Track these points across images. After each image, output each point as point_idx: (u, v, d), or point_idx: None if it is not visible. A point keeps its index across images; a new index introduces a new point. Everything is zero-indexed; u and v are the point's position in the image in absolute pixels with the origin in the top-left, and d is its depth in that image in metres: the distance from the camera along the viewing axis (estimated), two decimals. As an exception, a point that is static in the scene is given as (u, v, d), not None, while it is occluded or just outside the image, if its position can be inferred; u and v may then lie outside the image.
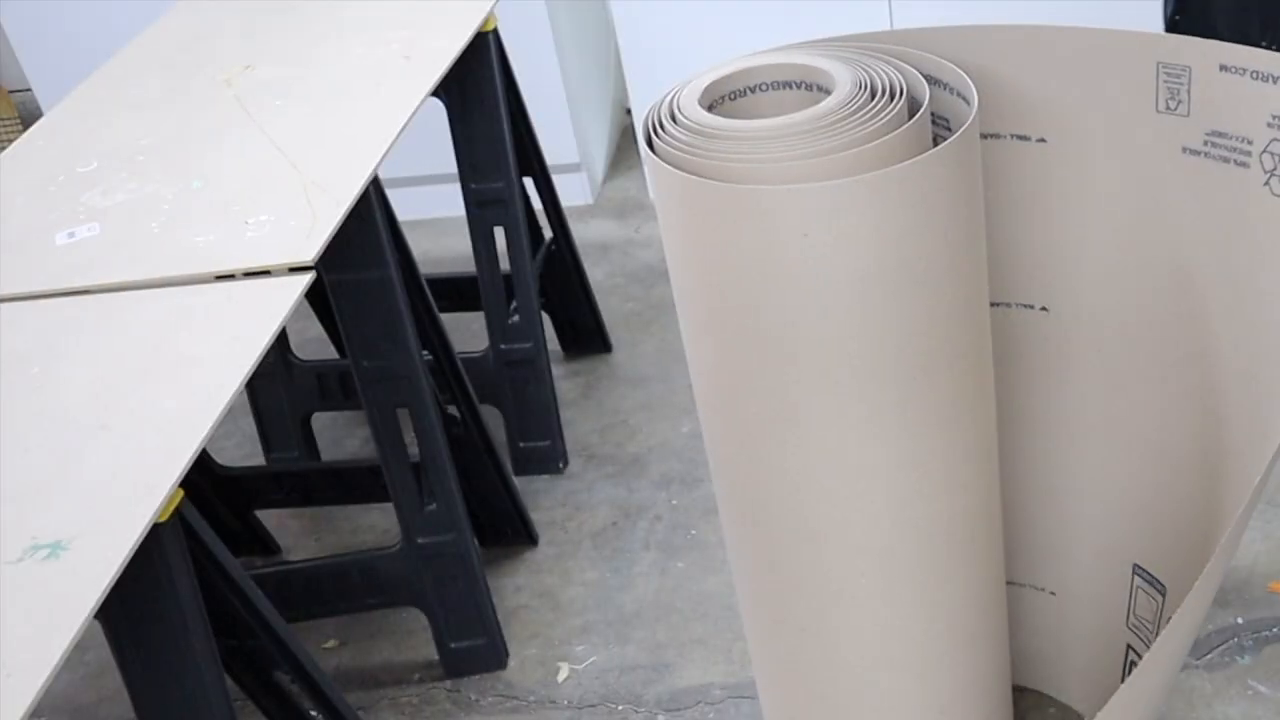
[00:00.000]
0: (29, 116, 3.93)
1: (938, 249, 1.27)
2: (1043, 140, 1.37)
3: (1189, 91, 1.24)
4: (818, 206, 1.21)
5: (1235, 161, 1.24)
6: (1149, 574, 1.61)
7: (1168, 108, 1.26)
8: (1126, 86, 1.28)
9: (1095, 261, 1.43)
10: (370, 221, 1.82)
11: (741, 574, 1.60)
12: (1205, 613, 1.42)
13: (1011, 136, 1.39)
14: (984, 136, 1.39)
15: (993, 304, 1.51)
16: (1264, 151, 1.21)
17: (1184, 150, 1.28)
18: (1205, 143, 1.26)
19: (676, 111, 1.34)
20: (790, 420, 1.35)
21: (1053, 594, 1.75)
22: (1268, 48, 1.29)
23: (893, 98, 1.29)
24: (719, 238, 1.27)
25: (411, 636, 2.20)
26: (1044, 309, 1.50)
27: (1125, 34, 1.27)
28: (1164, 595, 1.60)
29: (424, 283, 2.08)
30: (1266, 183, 1.23)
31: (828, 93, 1.33)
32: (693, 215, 1.29)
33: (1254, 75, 1.18)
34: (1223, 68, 1.20)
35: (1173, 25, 1.73)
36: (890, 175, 1.21)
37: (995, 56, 1.35)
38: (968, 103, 1.31)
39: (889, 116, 1.26)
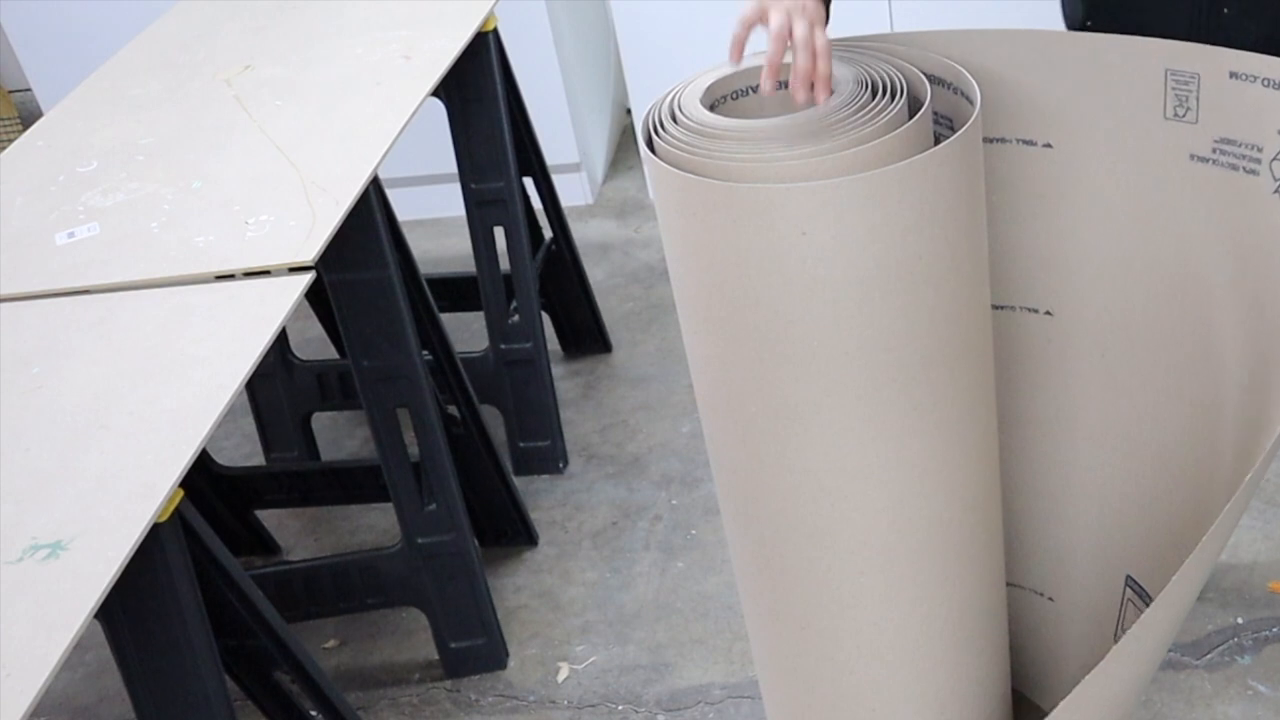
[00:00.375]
0: (29, 116, 3.93)
1: (938, 249, 1.27)
2: (1048, 145, 1.37)
3: (1198, 99, 1.23)
4: (816, 205, 1.21)
5: (1244, 169, 1.23)
6: (1140, 586, 1.61)
7: (1176, 115, 1.26)
8: (1134, 93, 1.28)
9: (1099, 267, 1.43)
10: (370, 221, 1.82)
11: (742, 573, 1.60)
12: (1181, 617, 1.41)
13: (1017, 141, 1.39)
14: (989, 141, 1.39)
15: (997, 307, 1.50)
16: (1274, 159, 1.21)
17: (1192, 157, 1.27)
18: (1214, 150, 1.25)
19: (677, 111, 1.34)
20: (789, 420, 1.35)
21: (1051, 600, 1.74)
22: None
23: (893, 97, 1.29)
24: (718, 237, 1.27)
25: (411, 636, 2.20)
26: (1048, 313, 1.50)
27: (1134, 40, 1.26)
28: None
29: (424, 283, 2.08)
30: (1277, 190, 1.22)
31: (831, 92, 1.33)
32: (692, 215, 1.29)
33: (1265, 83, 1.18)
34: (1232, 75, 1.19)
35: (1083, 30, 1.70)
36: (888, 174, 1.21)
37: (1001, 60, 1.34)
38: (971, 102, 1.30)
39: (889, 116, 1.26)
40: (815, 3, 1.29)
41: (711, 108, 1.35)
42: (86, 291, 1.64)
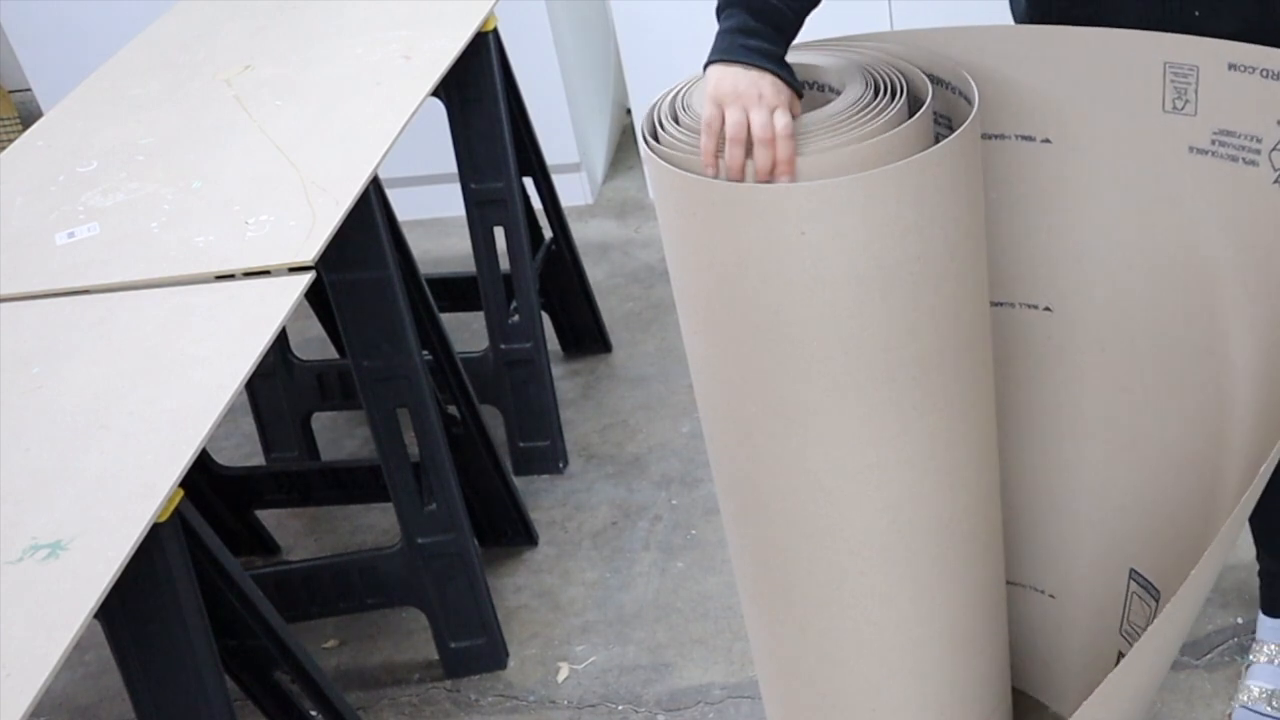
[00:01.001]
0: (29, 116, 3.93)
1: (936, 249, 1.27)
2: (1047, 141, 1.37)
3: (1196, 91, 1.23)
4: (815, 205, 1.21)
5: (1244, 160, 1.24)
6: (1145, 579, 1.61)
7: (1174, 107, 1.26)
8: (1132, 87, 1.28)
9: (1099, 262, 1.43)
10: (370, 221, 1.82)
11: (742, 573, 1.60)
12: (1195, 613, 1.41)
13: (1016, 137, 1.39)
14: (988, 137, 1.39)
15: (996, 304, 1.50)
16: (1273, 149, 1.21)
17: (1191, 150, 1.27)
18: (1213, 142, 1.25)
19: (679, 110, 1.34)
20: (788, 420, 1.35)
21: (1052, 597, 1.74)
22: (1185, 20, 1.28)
23: (894, 97, 1.29)
24: (717, 236, 1.27)
25: (411, 636, 2.20)
26: (1048, 309, 1.50)
27: (1132, 34, 1.26)
28: (1158, 601, 1.59)
29: (424, 283, 2.08)
30: (1276, 180, 1.22)
31: (836, 92, 1.33)
32: (691, 214, 1.29)
33: (1263, 73, 1.18)
34: (1231, 66, 1.20)
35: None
36: (886, 174, 1.21)
37: (999, 57, 1.35)
38: (969, 102, 1.30)
39: (889, 115, 1.26)
40: (772, 85, 1.26)
41: None
42: (86, 291, 1.64)
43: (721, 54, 1.28)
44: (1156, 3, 1.34)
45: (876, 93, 1.30)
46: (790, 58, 1.34)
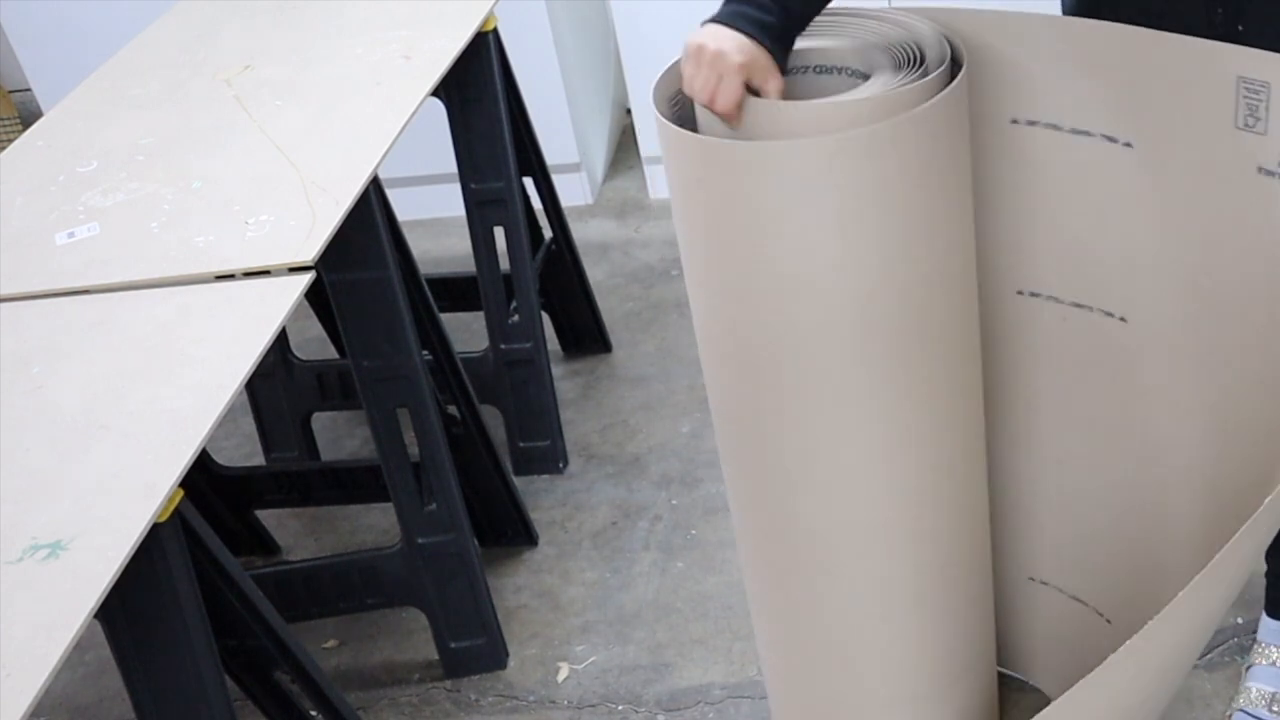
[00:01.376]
0: (29, 116, 3.93)
1: (883, 224, 1.27)
2: (1129, 145, 1.32)
3: (1268, 109, 1.17)
4: (761, 161, 1.23)
5: None
6: None
7: (1246, 125, 1.20)
8: (1208, 99, 1.22)
9: (1173, 276, 1.37)
10: (370, 221, 1.82)
11: (747, 560, 1.61)
12: (1201, 626, 1.38)
13: (1101, 136, 1.34)
14: (1075, 133, 1.35)
15: (1076, 305, 1.48)
16: None
17: (1259, 170, 1.21)
18: None
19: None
20: (758, 376, 1.37)
21: (1109, 621, 1.71)
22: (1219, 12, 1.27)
23: (924, 76, 1.28)
24: (692, 182, 1.30)
25: (411, 636, 2.20)
26: (1123, 319, 1.45)
27: (1208, 44, 1.20)
28: None
29: (424, 283, 2.08)
30: None
31: (863, 76, 1.32)
32: (679, 166, 1.32)
33: None
34: None
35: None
36: (822, 141, 1.21)
37: (1086, 52, 1.30)
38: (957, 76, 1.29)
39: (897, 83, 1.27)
40: (739, 45, 1.19)
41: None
42: (86, 291, 1.64)
43: (711, 18, 1.25)
44: (1202, 12, 1.30)
45: (897, 71, 1.29)
46: (811, 42, 1.33)
